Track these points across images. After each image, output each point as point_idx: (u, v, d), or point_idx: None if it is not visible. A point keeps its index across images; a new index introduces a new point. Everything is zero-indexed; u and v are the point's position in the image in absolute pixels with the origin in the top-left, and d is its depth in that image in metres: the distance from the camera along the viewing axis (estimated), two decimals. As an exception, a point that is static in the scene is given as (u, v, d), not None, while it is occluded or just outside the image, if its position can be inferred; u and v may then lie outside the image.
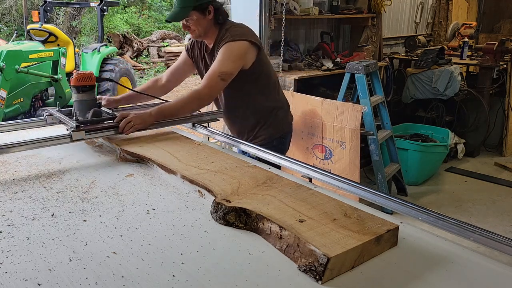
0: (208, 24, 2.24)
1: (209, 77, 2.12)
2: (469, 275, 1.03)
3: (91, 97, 1.92)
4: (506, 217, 3.96)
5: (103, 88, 6.31)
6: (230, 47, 2.16)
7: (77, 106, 1.90)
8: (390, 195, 1.36)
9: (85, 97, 1.90)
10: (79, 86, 1.88)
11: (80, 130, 1.72)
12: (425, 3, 6.59)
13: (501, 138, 5.52)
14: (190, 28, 2.24)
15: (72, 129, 1.72)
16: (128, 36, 13.04)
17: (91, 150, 1.86)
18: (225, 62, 2.14)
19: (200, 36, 2.29)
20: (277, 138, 2.48)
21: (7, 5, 12.44)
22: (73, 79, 1.88)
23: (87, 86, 1.90)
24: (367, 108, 3.79)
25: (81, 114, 1.88)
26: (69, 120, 1.82)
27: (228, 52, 2.15)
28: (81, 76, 1.88)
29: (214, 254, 1.07)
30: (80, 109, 1.90)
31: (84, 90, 1.89)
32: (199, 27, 2.23)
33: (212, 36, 2.29)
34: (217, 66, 2.13)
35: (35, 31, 6.22)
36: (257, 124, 2.43)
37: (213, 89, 2.14)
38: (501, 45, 5.36)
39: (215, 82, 2.11)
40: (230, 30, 2.23)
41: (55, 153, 1.78)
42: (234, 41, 2.17)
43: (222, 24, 2.28)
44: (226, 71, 2.13)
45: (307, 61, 4.56)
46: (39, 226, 1.19)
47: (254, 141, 2.39)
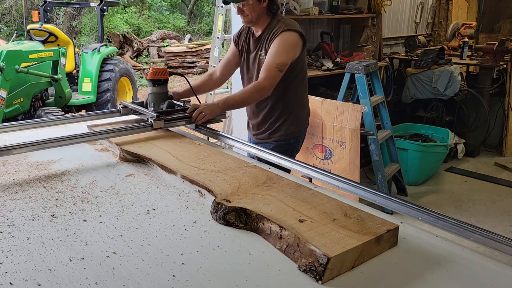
0: (261, 11, 2.33)
1: (267, 69, 2.22)
2: (469, 275, 1.03)
3: (164, 90, 2.06)
4: (506, 217, 3.96)
5: (103, 88, 6.32)
6: (284, 37, 2.26)
7: (153, 98, 2.04)
8: (390, 195, 1.36)
9: (160, 90, 2.05)
10: (155, 80, 2.02)
11: (160, 120, 1.89)
12: (425, 3, 6.59)
13: (501, 138, 5.52)
14: (244, 12, 2.32)
15: (153, 119, 1.89)
16: (128, 36, 13.04)
17: (91, 150, 1.86)
18: (281, 53, 2.24)
19: (251, 21, 2.36)
20: (295, 136, 2.54)
21: (7, 5, 12.45)
22: (150, 73, 2.02)
23: (162, 80, 2.04)
24: (367, 108, 3.79)
25: (157, 106, 2.03)
26: (147, 111, 1.99)
27: (283, 42, 2.26)
28: (157, 71, 2.03)
29: (214, 254, 1.07)
30: (155, 100, 2.04)
31: (159, 83, 2.03)
32: (253, 13, 2.31)
33: (262, 24, 2.38)
34: (273, 57, 2.23)
35: (35, 31, 6.22)
36: (280, 118, 2.47)
37: (273, 80, 2.23)
38: (501, 45, 5.36)
39: (274, 73, 2.21)
40: (283, 21, 2.33)
41: (55, 153, 1.78)
42: (288, 31, 2.27)
43: (274, 15, 2.38)
44: (283, 62, 2.24)
45: (307, 61, 4.56)
46: (39, 226, 1.19)
47: (273, 135, 2.47)
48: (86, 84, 6.23)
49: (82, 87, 6.24)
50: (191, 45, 12.77)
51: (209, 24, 16.21)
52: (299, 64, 2.39)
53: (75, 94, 6.23)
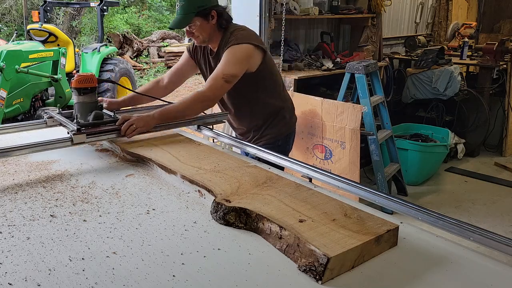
0: (211, 29, 2.22)
1: (213, 79, 2.10)
2: (469, 275, 1.03)
3: (92, 99, 1.87)
4: (506, 217, 3.96)
5: (103, 88, 6.31)
6: (234, 50, 2.14)
7: (78, 109, 1.86)
8: (390, 195, 1.36)
9: (86, 99, 1.86)
10: (80, 88, 1.84)
11: (81, 133, 1.69)
12: (425, 3, 6.59)
13: (501, 138, 5.52)
14: (194, 34, 2.22)
15: (73, 132, 1.69)
16: (128, 36, 13.04)
17: (91, 150, 1.86)
18: (229, 65, 2.12)
19: (204, 42, 2.27)
20: (283, 137, 2.50)
21: (7, 5, 12.45)
22: (74, 81, 1.84)
23: (88, 88, 1.85)
24: (367, 108, 3.79)
25: (82, 117, 1.85)
26: (70, 123, 1.78)
27: (233, 54, 2.14)
28: (82, 78, 1.84)
29: (214, 254, 1.07)
30: (81, 111, 1.85)
31: (85, 92, 1.85)
32: (203, 33, 2.21)
33: (216, 40, 2.27)
34: (221, 68, 2.11)
35: (35, 31, 6.22)
36: (263, 124, 2.44)
37: (217, 91, 2.12)
38: (501, 45, 5.36)
39: (219, 85, 2.09)
40: (235, 34, 2.21)
41: (55, 153, 1.78)
42: (238, 44, 2.15)
43: (226, 28, 2.26)
44: (230, 73, 2.10)
45: (307, 61, 4.56)
46: (39, 226, 1.19)
47: (259, 141, 2.41)
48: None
49: (82, 87, 6.23)
50: (191, 45, 12.74)
51: (209, 24, 16.17)
52: (263, 71, 2.29)
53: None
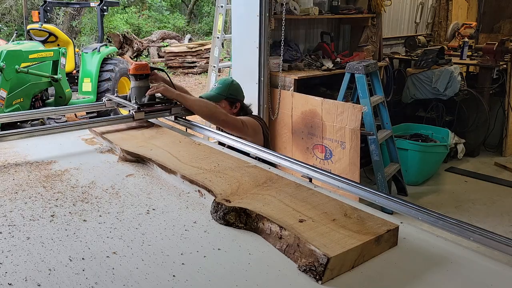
0: (231, 113, 2.57)
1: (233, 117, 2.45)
2: (469, 275, 1.03)
3: (146, 84, 2.13)
4: (506, 217, 3.96)
5: (103, 88, 6.32)
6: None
7: (135, 92, 2.12)
8: (390, 195, 1.36)
9: (142, 84, 2.12)
10: (137, 74, 2.10)
11: (140, 112, 2.00)
12: (425, 3, 6.59)
13: (501, 138, 5.52)
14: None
15: (134, 110, 1.99)
16: (128, 36, 13.04)
17: (91, 150, 1.86)
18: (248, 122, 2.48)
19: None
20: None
21: (7, 5, 12.45)
22: (132, 68, 2.11)
23: (144, 75, 2.12)
24: (367, 108, 3.79)
25: (138, 99, 2.10)
26: (129, 103, 2.09)
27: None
28: (139, 66, 2.12)
29: (214, 254, 1.07)
30: (137, 94, 2.11)
31: (141, 78, 2.11)
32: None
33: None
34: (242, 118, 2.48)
35: (35, 31, 6.22)
36: None
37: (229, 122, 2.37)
38: (501, 45, 5.36)
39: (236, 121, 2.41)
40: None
41: (55, 153, 1.78)
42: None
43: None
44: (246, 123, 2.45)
45: (307, 61, 4.56)
46: (39, 226, 1.19)
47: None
48: (86, 84, 6.23)
49: (82, 87, 6.24)
50: (191, 45, 12.77)
51: (209, 24, 16.21)
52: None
53: (75, 94, 6.23)
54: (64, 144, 1.90)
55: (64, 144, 1.90)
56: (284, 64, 4.28)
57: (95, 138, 1.98)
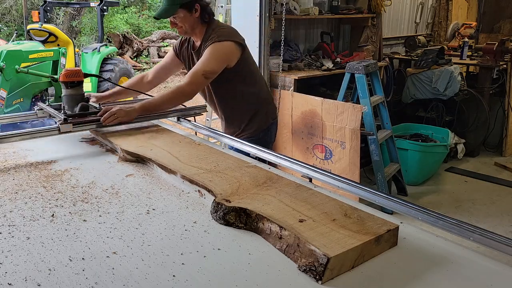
0: (194, 22, 2.34)
1: (192, 75, 2.23)
2: (469, 275, 1.03)
3: (78, 92, 2.01)
4: (506, 217, 3.96)
5: (103, 88, 6.31)
6: (215, 47, 2.27)
7: (66, 101, 1.99)
8: (390, 195, 1.36)
9: (73, 92, 2.00)
10: (68, 81, 1.98)
11: (68, 123, 1.82)
12: (425, 3, 6.59)
13: (501, 138, 5.52)
14: (177, 25, 2.35)
15: (60, 122, 1.81)
16: (128, 36, 13.03)
17: (91, 150, 1.86)
18: (210, 61, 2.25)
19: (186, 33, 2.40)
20: (263, 129, 2.60)
21: (7, 5, 12.44)
22: (62, 75, 1.98)
23: (75, 82, 2.00)
24: (367, 108, 3.79)
25: (70, 108, 1.97)
26: (58, 113, 1.91)
27: (213, 52, 2.27)
28: (70, 73, 1.98)
29: (214, 254, 1.07)
30: (68, 103, 1.98)
31: (72, 85, 1.99)
32: (186, 24, 2.34)
33: (199, 34, 2.40)
34: (201, 64, 2.24)
35: (35, 31, 6.21)
36: (244, 119, 2.54)
37: (196, 86, 2.25)
38: (501, 45, 5.36)
39: (198, 80, 2.23)
40: (216, 31, 2.33)
41: (55, 153, 1.78)
42: (219, 42, 2.28)
43: (209, 24, 2.38)
44: (210, 70, 2.25)
45: (307, 61, 4.56)
46: (39, 226, 1.19)
47: (241, 135, 2.52)
48: (86, 84, 6.18)
49: (82, 87, 6.23)
50: (191, 45, 12.74)
51: (209, 24, 16.17)
52: (242, 66, 2.41)
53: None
54: (64, 144, 1.90)
55: (64, 144, 1.90)
56: (284, 64, 4.28)
57: (95, 138, 1.98)
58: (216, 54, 2.26)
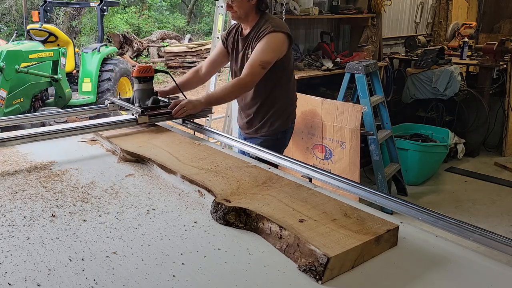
0: (250, 8, 2.37)
1: (251, 66, 2.26)
2: (469, 275, 1.03)
3: (150, 87, 2.11)
4: (506, 217, 3.96)
5: (103, 88, 6.32)
6: (271, 37, 2.30)
7: (139, 95, 2.08)
8: (390, 195, 1.36)
9: (145, 87, 2.09)
10: (141, 77, 2.07)
11: (144, 115, 1.95)
12: (425, 3, 6.59)
13: (501, 138, 5.52)
14: (232, 8, 2.36)
15: (138, 114, 1.94)
16: (128, 36, 13.03)
17: (91, 150, 1.86)
18: (266, 52, 2.28)
19: (240, 18, 2.41)
20: (282, 131, 2.59)
21: (7, 5, 12.44)
22: (135, 70, 2.07)
23: (147, 77, 2.09)
24: (367, 108, 3.79)
25: (142, 102, 2.07)
26: (133, 106, 2.04)
27: (269, 42, 2.29)
28: (142, 68, 2.08)
29: (214, 254, 1.07)
30: (141, 97, 2.08)
31: (144, 80, 2.08)
32: (241, 9, 2.36)
33: (251, 21, 2.41)
34: (258, 55, 2.27)
35: (35, 31, 6.22)
36: (268, 114, 2.53)
37: (255, 77, 2.28)
38: (501, 45, 5.36)
39: (257, 70, 2.25)
40: (270, 21, 2.36)
41: (55, 153, 1.78)
42: (275, 32, 2.31)
43: (262, 14, 2.41)
44: (266, 60, 2.28)
45: (307, 61, 4.56)
46: (39, 226, 1.19)
47: (260, 130, 2.52)
48: (86, 84, 6.24)
49: (82, 87, 6.24)
50: (191, 45, 12.77)
51: (209, 24, 16.21)
52: (285, 62, 2.44)
53: (75, 94, 6.23)
54: (64, 144, 1.90)
55: (64, 144, 1.90)
56: (284, 64, 4.27)
57: (95, 138, 1.98)
58: (272, 44, 2.29)
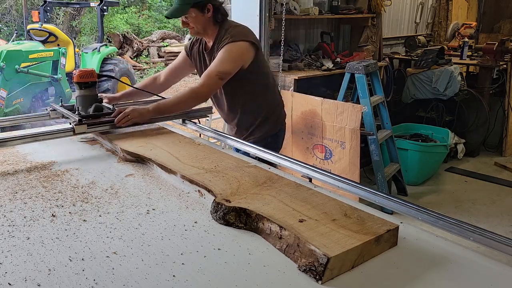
0: (206, 22, 2.27)
1: (207, 76, 2.17)
2: (469, 275, 1.03)
3: (92, 93, 1.99)
4: (506, 217, 3.96)
5: (103, 88, 6.31)
6: (229, 47, 2.20)
7: (80, 101, 1.98)
8: (390, 195, 1.36)
9: (87, 93, 1.98)
10: (81, 82, 1.96)
11: (83, 124, 1.80)
12: (425, 3, 6.59)
13: (501, 138, 5.52)
14: (189, 25, 2.28)
15: (74, 123, 1.80)
16: (128, 36, 13.04)
17: (91, 150, 1.86)
18: (224, 62, 2.18)
19: (198, 33, 2.33)
20: (272, 135, 2.53)
21: (7, 5, 12.44)
22: (76, 75, 1.95)
23: (89, 83, 1.97)
24: (367, 108, 3.79)
25: (83, 109, 1.96)
26: (72, 114, 1.90)
27: (228, 52, 2.20)
28: (83, 73, 1.96)
29: (214, 254, 1.07)
30: (82, 104, 1.97)
31: (86, 86, 1.97)
32: (198, 25, 2.27)
33: (211, 34, 2.32)
34: (215, 66, 2.18)
35: (35, 31, 6.22)
36: (252, 124, 2.47)
37: (211, 88, 2.20)
38: (501, 45, 5.36)
39: (213, 81, 2.17)
40: (230, 31, 2.26)
41: (55, 153, 1.78)
42: (234, 42, 2.21)
43: (222, 24, 2.31)
44: (224, 71, 2.18)
45: (307, 61, 4.56)
46: (39, 226, 1.19)
47: (248, 138, 2.43)
48: (85, 84, 6.23)
49: (82, 87, 6.23)
50: (191, 45, 12.73)
51: (209, 24, 16.17)
52: (256, 67, 2.34)
53: (75, 94, 6.23)
54: (64, 144, 1.90)
55: (64, 144, 1.90)
56: (284, 64, 4.28)
57: (95, 138, 1.98)
58: (230, 54, 2.20)
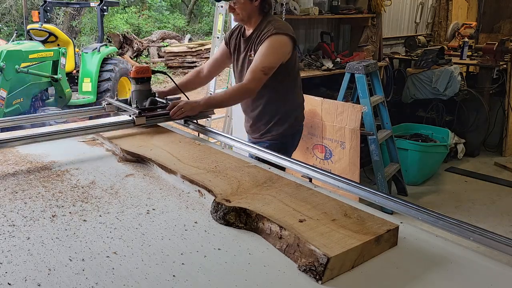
0: (253, 10, 2.32)
1: (253, 71, 2.21)
2: (469, 275, 1.03)
3: (147, 88, 2.09)
4: (506, 217, 3.96)
5: (103, 88, 6.32)
6: (273, 41, 2.25)
7: (136, 96, 2.07)
8: (390, 195, 1.36)
9: (143, 88, 2.07)
10: (138, 78, 2.05)
11: (142, 116, 1.93)
12: (425, 3, 6.59)
13: (501, 138, 5.52)
14: (235, 10, 2.32)
15: (135, 115, 1.92)
16: (128, 36, 13.04)
17: (91, 150, 1.86)
18: (268, 57, 2.23)
19: (243, 20, 2.36)
20: (290, 134, 2.54)
21: (7, 5, 12.44)
22: (133, 71, 2.05)
23: (145, 78, 2.07)
24: (367, 108, 3.79)
25: (139, 103, 2.06)
26: (130, 107, 2.03)
27: (271, 46, 2.24)
28: (140, 69, 2.06)
29: (214, 254, 1.07)
30: (138, 98, 2.06)
31: (142, 81, 2.06)
32: (244, 12, 2.31)
33: (254, 23, 2.37)
34: (260, 61, 2.22)
35: (35, 31, 6.22)
36: (273, 119, 2.47)
37: (257, 83, 2.24)
38: (501, 45, 5.36)
39: (259, 76, 2.21)
40: (273, 23, 2.31)
41: (55, 153, 1.78)
42: (277, 34, 2.25)
43: (265, 15, 2.36)
44: (269, 66, 2.23)
45: (307, 61, 4.56)
46: (39, 226, 1.19)
47: (265, 135, 2.46)
48: (86, 84, 6.23)
49: (82, 87, 6.24)
50: (191, 45, 12.78)
51: (209, 24, 16.21)
52: (290, 65, 2.38)
53: (75, 94, 6.23)
54: (64, 144, 1.90)
55: (64, 144, 1.90)
56: (284, 64, 4.27)
57: (95, 138, 1.98)
58: (273, 48, 2.24)
